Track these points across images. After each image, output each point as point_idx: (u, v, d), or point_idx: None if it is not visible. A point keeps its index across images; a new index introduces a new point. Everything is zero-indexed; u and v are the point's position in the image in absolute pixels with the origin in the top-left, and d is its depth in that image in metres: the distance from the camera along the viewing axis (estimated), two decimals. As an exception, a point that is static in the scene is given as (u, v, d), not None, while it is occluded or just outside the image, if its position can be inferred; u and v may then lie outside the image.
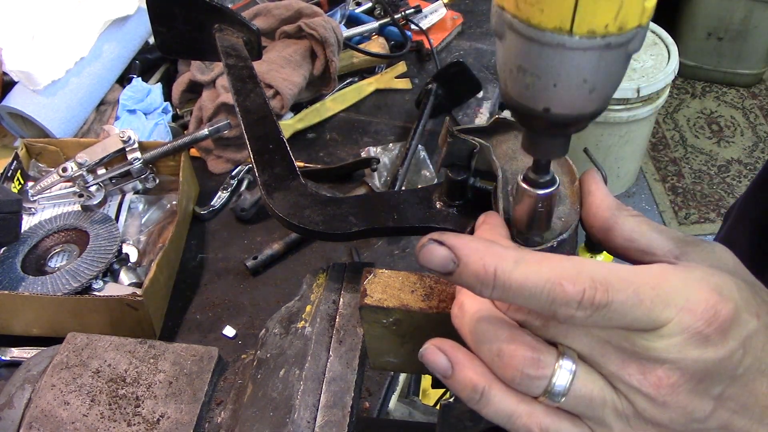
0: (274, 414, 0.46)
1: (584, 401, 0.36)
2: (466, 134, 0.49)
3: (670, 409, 0.35)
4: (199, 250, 1.11)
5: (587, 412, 0.36)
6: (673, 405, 0.35)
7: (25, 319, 0.94)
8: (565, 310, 0.33)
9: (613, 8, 0.31)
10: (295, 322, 0.52)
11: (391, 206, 0.53)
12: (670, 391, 0.34)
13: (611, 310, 0.33)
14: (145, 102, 1.27)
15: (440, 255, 0.34)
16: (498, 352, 0.36)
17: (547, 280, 0.33)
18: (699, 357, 0.34)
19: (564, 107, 0.35)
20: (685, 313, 0.34)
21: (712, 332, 0.34)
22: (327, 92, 1.36)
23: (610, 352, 0.35)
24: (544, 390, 0.35)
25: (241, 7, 1.44)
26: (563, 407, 0.36)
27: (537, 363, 0.35)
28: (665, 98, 2.46)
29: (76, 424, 0.49)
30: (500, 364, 0.36)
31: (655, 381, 0.34)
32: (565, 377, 0.35)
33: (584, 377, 0.36)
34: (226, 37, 0.79)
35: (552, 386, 0.35)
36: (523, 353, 0.35)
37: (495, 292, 0.34)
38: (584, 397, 0.35)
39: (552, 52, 0.33)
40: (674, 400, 0.35)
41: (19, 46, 1.19)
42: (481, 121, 1.32)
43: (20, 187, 1.12)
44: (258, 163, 0.57)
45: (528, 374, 0.35)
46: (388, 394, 0.94)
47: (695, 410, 0.35)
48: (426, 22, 1.52)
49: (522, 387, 0.36)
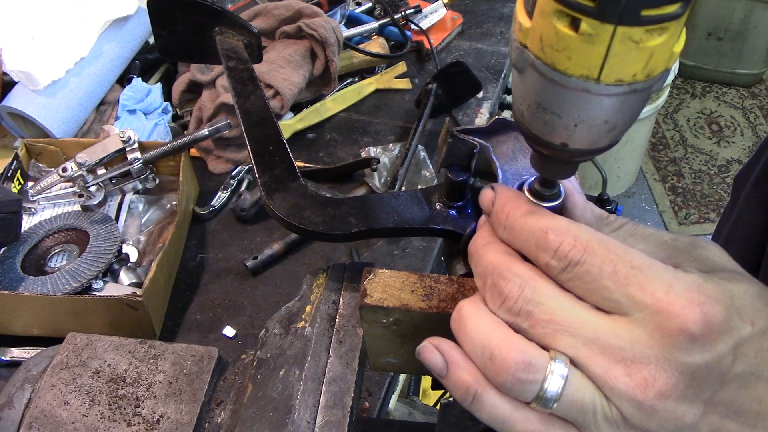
0: (274, 414, 0.46)
1: (576, 407, 0.35)
2: (466, 134, 0.49)
3: (658, 415, 0.34)
4: (199, 250, 1.11)
5: (579, 418, 0.36)
6: (661, 410, 0.34)
7: (25, 319, 0.94)
8: (544, 256, 0.36)
9: (642, 59, 0.30)
10: (295, 322, 0.52)
11: (391, 207, 0.53)
12: (657, 395, 0.34)
13: (583, 270, 0.35)
14: (145, 102, 1.27)
15: (487, 197, 0.40)
16: (490, 355, 0.36)
17: (539, 228, 0.36)
18: (685, 359, 0.33)
19: (582, 143, 0.34)
20: (664, 305, 0.33)
21: (698, 334, 0.33)
22: (327, 92, 1.36)
23: (596, 354, 0.35)
24: (536, 395, 0.35)
25: (241, 7, 1.44)
26: (555, 413, 0.36)
27: (528, 367, 0.35)
28: (665, 98, 2.46)
29: (76, 425, 0.49)
30: (492, 367, 0.36)
31: (640, 383, 0.34)
32: (557, 383, 0.35)
33: (576, 383, 0.35)
34: (226, 39, 0.79)
35: (544, 391, 0.35)
36: (515, 357, 0.35)
37: (504, 232, 0.38)
38: (576, 403, 0.35)
39: (576, 96, 0.32)
40: (662, 406, 0.34)
41: (19, 46, 1.19)
42: (481, 121, 1.32)
43: (20, 187, 1.12)
44: (258, 164, 0.57)
45: (519, 378, 0.35)
46: (388, 394, 0.95)
47: (684, 415, 0.34)
48: (426, 22, 1.52)
49: (514, 392, 0.36)
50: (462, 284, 0.47)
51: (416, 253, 1.08)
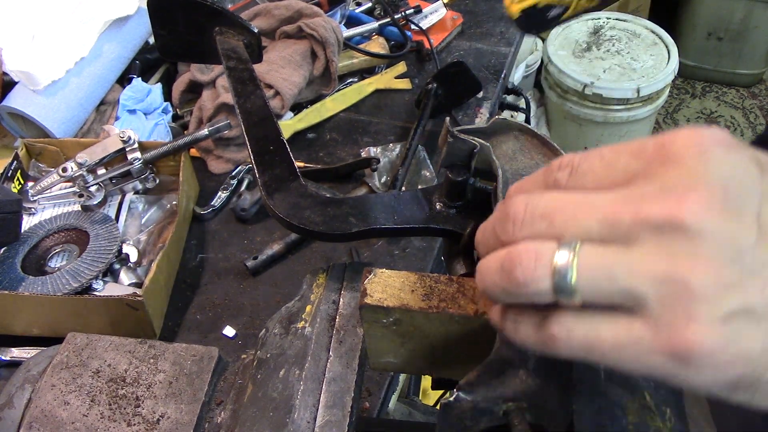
0: (274, 414, 0.46)
1: (602, 278, 0.31)
2: (466, 134, 0.49)
3: (709, 237, 0.29)
4: (199, 250, 1.11)
5: (614, 292, 0.31)
6: (709, 229, 0.29)
7: (25, 319, 0.94)
8: (551, 175, 0.36)
9: None
10: (295, 322, 0.52)
11: (391, 207, 0.53)
12: (701, 209, 0.29)
13: (587, 164, 0.34)
14: (145, 102, 1.27)
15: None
16: (498, 268, 0.34)
17: (543, 168, 0.37)
18: (720, 167, 0.30)
19: None
20: (669, 136, 0.31)
21: (725, 143, 0.30)
22: (327, 92, 1.36)
23: (619, 208, 0.31)
24: (553, 286, 0.32)
25: (241, 7, 1.44)
26: (589, 300, 0.32)
27: (535, 254, 0.33)
28: (665, 98, 2.46)
29: (76, 424, 0.49)
30: (504, 274, 0.34)
31: (676, 199, 0.30)
32: (564, 257, 0.32)
33: (591, 250, 0.32)
34: (226, 39, 0.79)
35: (557, 274, 0.32)
36: (522, 249, 0.33)
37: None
38: (600, 271, 0.31)
39: None
40: (710, 223, 0.29)
41: (19, 46, 1.19)
42: (481, 121, 1.32)
43: (20, 187, 1.12)
44: (258, 164, 0.57)
45: (529, 267, 0.32)
46: (388, 394, 0.95)
47: (740, 234, 0.30)
48: (426, 22, 1.52)
49: (531, 287, 0.33)
50: (462, 284, 0.47)
51: (416, 253, 1.08)
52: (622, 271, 0.31)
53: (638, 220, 0.31)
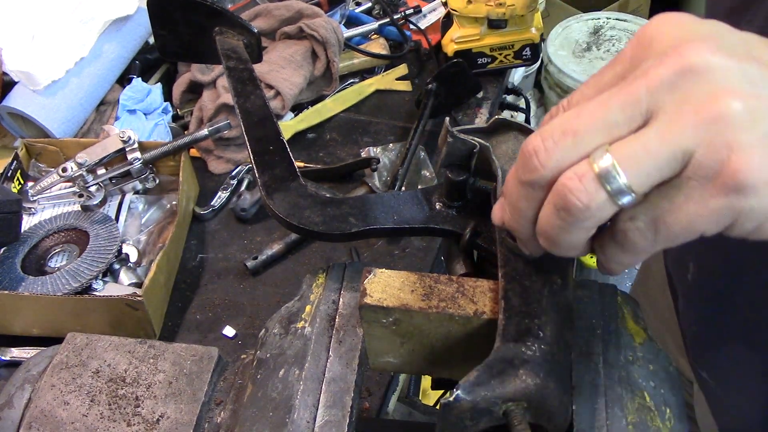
0: (274, 414, 0.46)
1: (645, 161, 0.32)
2: (466, 134, 0.49)
3: (720, 72, 0.31)
4: (199, 250, 1.11)
5: (663, 166, 0.32)
6: (718, 65, 0.31)
7: (25, 319, 0.94)
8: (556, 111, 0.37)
9: None
10: (295, 322, 0.52)
11: (391, 207, 0.53)
12: (703, 51, 0.31)
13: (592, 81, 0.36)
14: (145, 102, 1.27)
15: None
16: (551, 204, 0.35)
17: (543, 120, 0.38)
18: (699, 26, 0.32)
19: None
20: None
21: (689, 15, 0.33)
22: (328, 93, 1.36)
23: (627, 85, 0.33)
24: (609, 194, 0.32)
25: (241, 7, 1.44)
26: (646, 186, 0.33)
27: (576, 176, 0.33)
28: (665, 98, 2.46)
29: (76, 424, 0.49)
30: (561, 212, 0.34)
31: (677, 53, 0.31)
32: (605, 162, 0.32)
33: (623, 144, 0.32)
34: (226, 39, 0.79)
35: (606, 181, 0.32)
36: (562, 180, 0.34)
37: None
38: (640, 156, 0.32)
39: None
40: (717, 60, 0.31)
41: (19, 46, 1.19)
42: (481, 121, 1.32)
43: (20, 187, 1.12)
44: (258, 164, 0.57)
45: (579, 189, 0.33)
46: (388, 394, 0.94)
47: (746, 65, 0.31)
48: (425, 22, 1.52)
49: (593, 205, 0.33)
50: (462, 284, 0.47)
51: (416, 253, 1.08)
52: (658, 143, 0.32)
53: (652, 87, 0.32)
